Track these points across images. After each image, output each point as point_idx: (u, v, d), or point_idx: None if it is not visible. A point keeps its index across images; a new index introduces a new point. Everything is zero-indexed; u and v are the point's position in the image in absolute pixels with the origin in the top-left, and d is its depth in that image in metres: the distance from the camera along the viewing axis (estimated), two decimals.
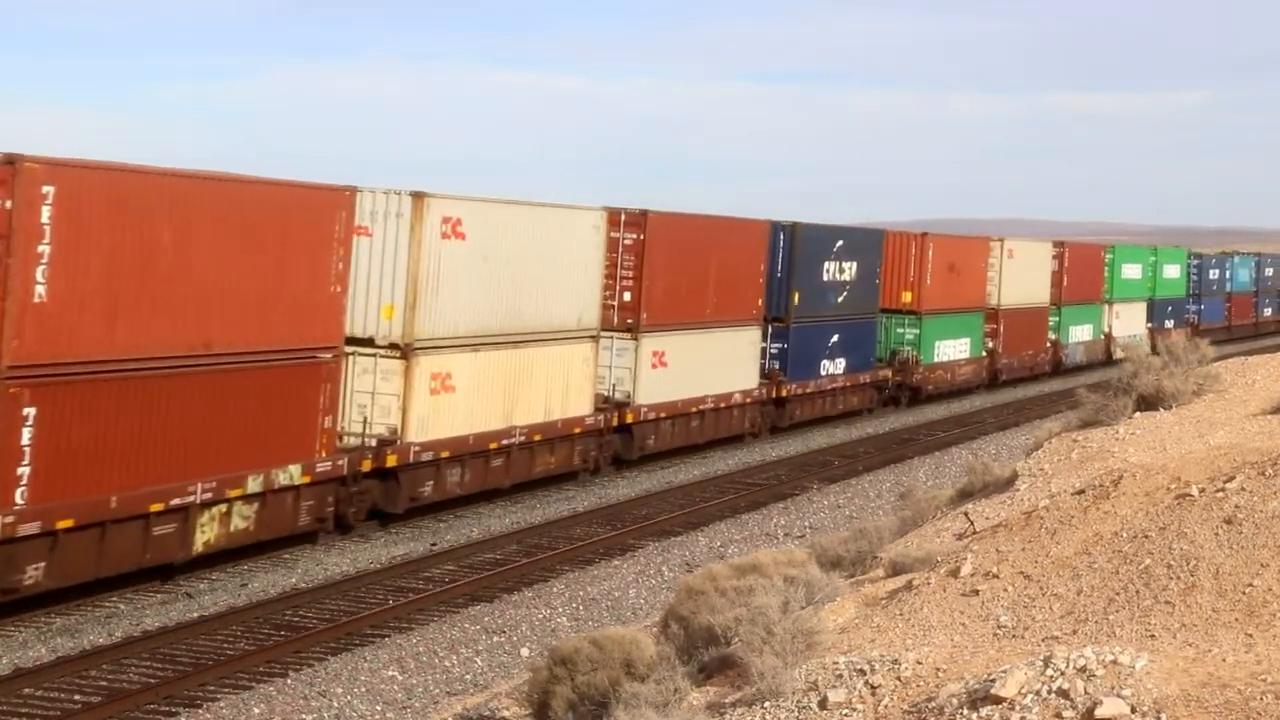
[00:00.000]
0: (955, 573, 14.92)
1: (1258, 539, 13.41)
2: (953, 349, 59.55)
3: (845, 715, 12.18)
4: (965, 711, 11.37)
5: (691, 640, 14.79)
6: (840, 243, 50.17)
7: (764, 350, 45.96)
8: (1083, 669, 11.33)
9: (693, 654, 14.66)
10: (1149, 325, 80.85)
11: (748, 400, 44.71)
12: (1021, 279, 65.44)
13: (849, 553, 19.27)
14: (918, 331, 56.34)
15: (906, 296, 56.00)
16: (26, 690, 20.80)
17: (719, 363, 42.83)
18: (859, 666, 12.75)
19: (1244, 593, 12.74)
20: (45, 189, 22.50)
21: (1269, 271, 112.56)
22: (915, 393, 56.94)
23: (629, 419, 38.87)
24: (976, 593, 14.33)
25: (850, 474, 41.47)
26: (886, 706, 12.09)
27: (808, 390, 48.36)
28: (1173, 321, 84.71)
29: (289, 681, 21.96)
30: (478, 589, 27.44)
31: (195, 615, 24.73)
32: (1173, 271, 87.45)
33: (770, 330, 46.22)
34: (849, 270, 50.59)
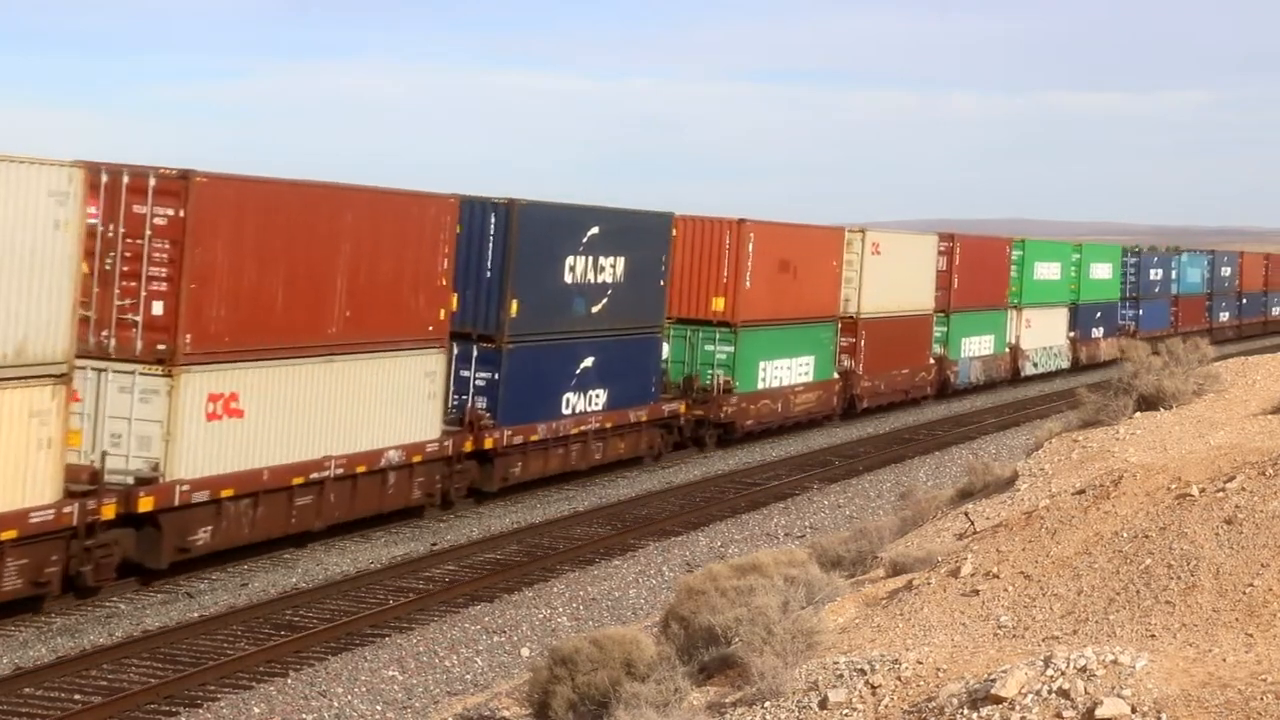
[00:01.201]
0: (955, 573, 14.92)
1: (1258, 539, 13.41)
2: (787, 371, 46.74)
3: (845, 715, 12.18)
4: (965, 711, 11.37)
5: (692, 640, 14.79)
6: (595, 230, 36.68)
7: (460, 382, 33.30)
8: (1083, 669, 11.33)
9: (693, 654, 14.66)
10: (1071, 335, 72.14)
11: (417, 459, 31.03)
12: (892, 280, 53.24)
13: (849, 553, 19.30)
14: (732, 349, 43.29)
15: (718, 303, 43.32)
16: (27, 690, 20.80)
17: (360, 406, 29.29)
18: (859, 666, 12.75)
19: (1244, 593, 12.74)
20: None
21: (1225, 271, 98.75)
22: (726, 430, 43.98)
23: (146, 506, 24.77)
24: (977, 593, 14.33)
25: (850, 474, 41.47)
26: (887, 706, 12.09)
27: (535, 438, 34.94)
28: (1102, 329, 75.55)
29: (289, 681, 21.96)
30: (478, 589, 27.44)
31: (195, 615, 24.73)
32: (1102, 271, 76.63)
33: (473, 354, 33.38)
34: (611, 268, 37.46)
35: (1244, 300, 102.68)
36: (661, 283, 40.14)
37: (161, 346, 25.11)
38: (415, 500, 31.59)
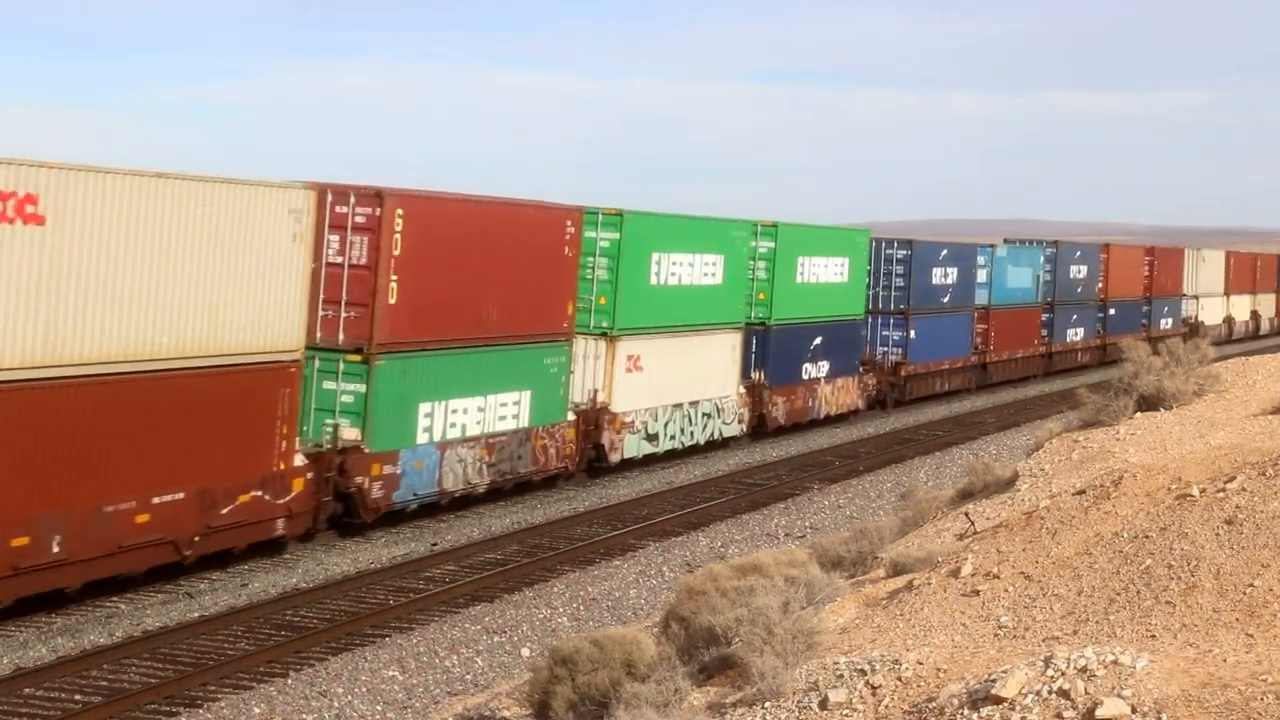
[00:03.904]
0: (956, 573, 14.92)
1: (1258, 539, 13.42)
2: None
3: (846, 715, 12.18)
4: (966, 712, 11.37)
5: (692, 640, 14.79)
6: None
7: None
8: (1083, 669, 11.33)
9: (693, 654, 14.66)
10: (748, 381, 44.26)
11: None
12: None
13: (850, 553, 19.30)
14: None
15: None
16: (27, 690, 20.81)
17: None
18: (859, 667, 12.75)
19: (1245, 593, 12.74)
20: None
21: (1077, 270, 72.78)
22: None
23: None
24: (977, 593, 14.33)
25: (850, 474, 41.48)
26: (887, 707, 12.09)
27: None
28: (826, 366, 48.42)
29: (289, 681, 21.96)
30: (478, 589, 27.45)
31: (196, 615, 24.73)
32: (824, 270, 48.29)
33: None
34: None
35: (1110, 311, 76.25)
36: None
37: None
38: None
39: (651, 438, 40.12)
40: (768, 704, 12.74)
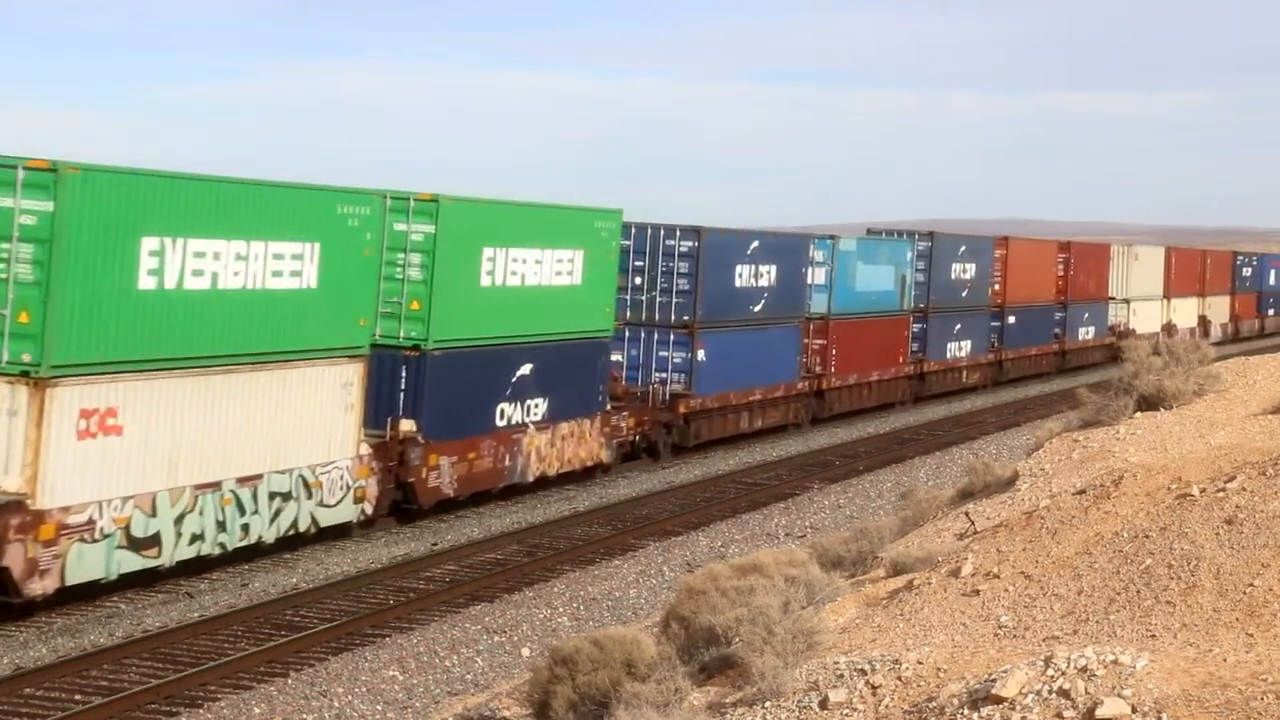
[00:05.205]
0: (956, 573, 14.92)
1: (1258, 539, 13.42)
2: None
3: (846, 715, 12.18)
4: (966, 711, 11.37)
5: (692, 640, 14.79)
6: None
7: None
8: (1083, 669, 11.33)
9: (693, 654, 14.66)
10: (373, 439, 30.30)
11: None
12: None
13: (850, 553, 19.30)
14: None
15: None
16: (27, 690, 20.80)
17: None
18: (860, 666, 12.75)
19: (1245, 593, 12.74)
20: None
21: (962, 270, 59.37)
22: None
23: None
24: (977, 593, 14.33)
25: (851, 474, 41.47)
26: (887, 706, 12.09)
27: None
28: (541, 407, 35.06)
29: (289, 681, 21.96)
30: (478, 589, 27.44)
31: (196, 615, 24.73)
32: (537, 266, 34.93)
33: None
34: None
35: (1009, 319, 64.10)
36: None
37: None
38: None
39: (140, 544, 24.82)
40: (768, 704, 12.73)
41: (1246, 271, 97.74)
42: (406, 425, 31.11)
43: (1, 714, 19.96)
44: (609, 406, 38.26)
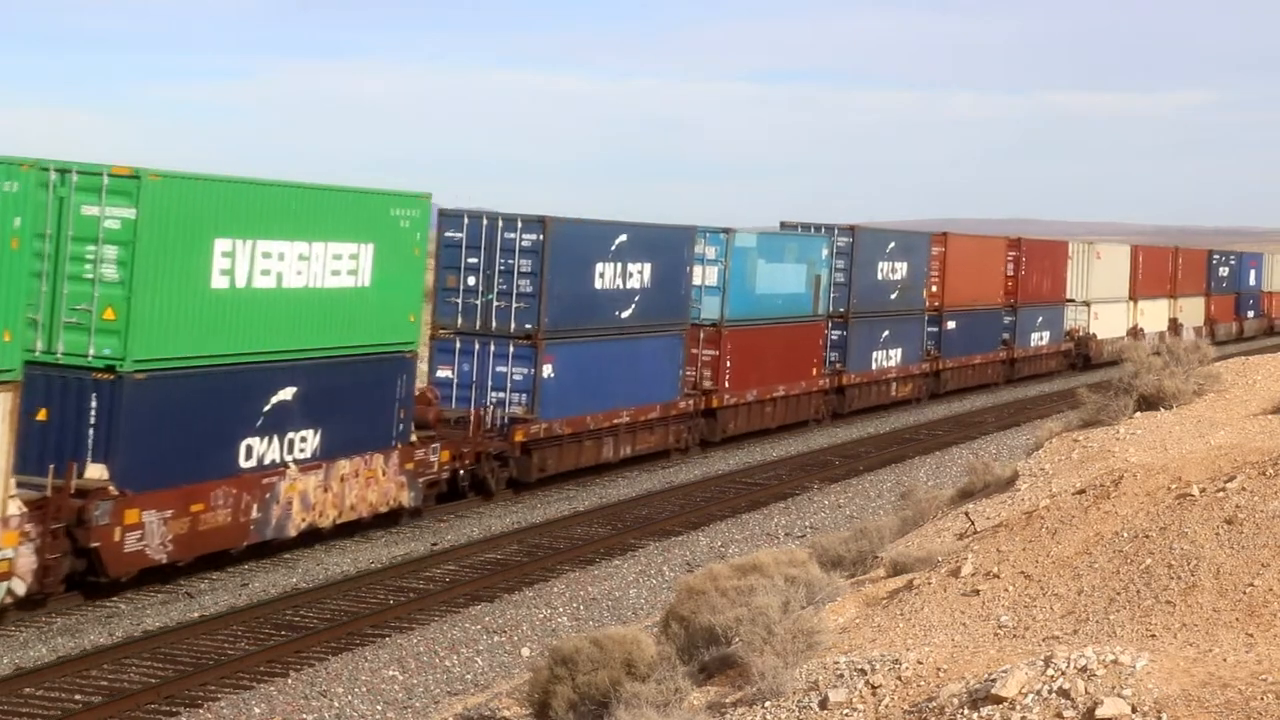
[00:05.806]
0: (956, 572, 14.92)
1: (1258, 539, 13.42)
2: None
3: (846, 715, 12.18)
4: (966, 711, 11.37)
5: (692, 640, 14.79)
6: None
7: None
8: (1083, 669, 11.33)
9: (693, 654, 14.66)
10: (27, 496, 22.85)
11: None
12: None
13: (850, 552, 19.28)
14: None
15: None
16: (27, 690, 20.80)
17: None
18: (860, 666, 12.75)
19: (1245, 592, 12.74)
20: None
21: (890, 270, 53.65)
22: None
23: None
24: (977, 592, 14.33)
25: (851, 474, 41.47)
26: (887, 706, 12.09)
27: None
28: (309, 442, 28.12)
29: (289, 681, 21.96)
30: (478, 589, 27.44)
31: (196, 615, 24.73)
32: (304, 265, 27.81)
33: None
34: None
35: (948, 324, 58.17)
36: None
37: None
38: None
39: None
40: (768, 704, 12.73)
41: (1223, 271, 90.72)
42: (95, 471, 24.20)
43: (1, 714, 19.96)
44: (413, 438, 31.19)
